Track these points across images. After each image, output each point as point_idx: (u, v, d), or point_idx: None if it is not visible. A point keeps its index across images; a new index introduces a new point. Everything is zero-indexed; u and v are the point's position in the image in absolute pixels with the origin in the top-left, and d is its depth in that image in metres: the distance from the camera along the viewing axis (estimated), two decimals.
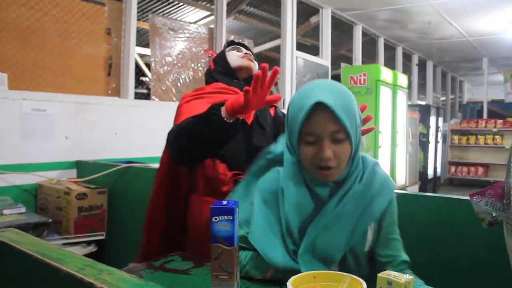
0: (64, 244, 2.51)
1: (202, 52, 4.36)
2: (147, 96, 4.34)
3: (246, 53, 1.82)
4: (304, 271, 1.06)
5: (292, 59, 5.26)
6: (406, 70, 8.70)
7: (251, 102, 1.33)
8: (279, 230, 1.22)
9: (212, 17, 4.70)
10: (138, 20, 3.81)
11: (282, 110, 1.82)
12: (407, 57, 8.81)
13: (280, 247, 1.21)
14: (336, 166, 1.12)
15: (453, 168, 9.72)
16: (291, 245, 1.19)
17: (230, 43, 1.88)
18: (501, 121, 9.11)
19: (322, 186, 1.16)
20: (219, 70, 1.82)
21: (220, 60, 1.83)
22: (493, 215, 1.09)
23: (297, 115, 1.11)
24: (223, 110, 1.37)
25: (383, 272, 0.91)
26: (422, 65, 9.52)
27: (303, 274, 1.07)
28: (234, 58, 1.80)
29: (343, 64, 6.42)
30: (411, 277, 0.90)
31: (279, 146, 1.29)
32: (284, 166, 1.23)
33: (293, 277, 1.06)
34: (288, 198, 1.19)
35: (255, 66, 1.81)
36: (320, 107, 1.08)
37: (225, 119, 1.37)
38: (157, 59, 3.90)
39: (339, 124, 1.08)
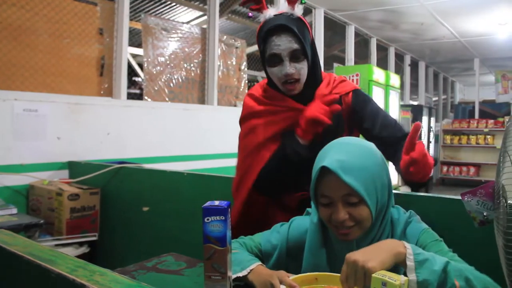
0: (56, 245, 2.50)
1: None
2: (139, 96, 4.33)
3: (288, 74, 1.43)
4: None
5: None
6: (399, 70, 8.74)
7: (312, 117, 1.41)
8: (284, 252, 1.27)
9: (205, 17, 4.70)
10: (131, 20, 3.80)
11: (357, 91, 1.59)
12: (399, 57, 8.85)
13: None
14: (354, 226, 1.11)
15: (445, 168, 9.77)
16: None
17: (267, 33, 1.45)
18: (492, 121, 9.18)
19: (342, 244, 1.15)
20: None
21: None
22: (484, 214, 1.10)
23: (312, 178, 1.15)
24: (296, 138, 1.45)
25: (378, 272, 0.91)
26: (414, 66, 9.57)
27: (305, 275, 1.08)
28: (275, 77, 1.48)
29: (335, 65, 6.44)
30: (406, 278, 0.90)
31: None
32: (311, 217, 1.25)
33: (294, 276, 1.06)
34: (306, 257, 1.22)
35: (301, 82, 1.48)
36: (330, 171, 1.09)
37: (301, 143, 1.45)
38: (149, 59, 3.89)
39: (350, 188, 1.08)
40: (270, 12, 1.47)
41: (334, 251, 1.18)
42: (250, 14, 1.56)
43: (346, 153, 1.12)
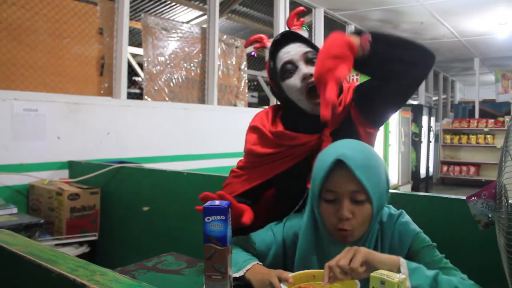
0: (57, 245, 2.50)
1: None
2: (139, 96, 4.33)
3: (306, 74, 1.30)
4: None
5: None
6: None
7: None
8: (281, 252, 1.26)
9: (205, 16, 4.70)
10: (131, 19, 3.80)
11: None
12: None
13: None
14: (353, 229, 1.10)
15: (445, 168, 9.77)
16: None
17: (274, 47, 1.39)
18: (492, 120, 9.17)
19: (336, 246, 1.12)
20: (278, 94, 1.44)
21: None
22: (489, 216, 1.10)
23: (319, 171, 1.12)
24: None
25: (376, 271, 0.92)
26: None
27: (302, 272, 1.08)
28: (294, 89, 1.33)
29: None
30: (404, 276, 0.91)
31: None
32: (304, 219, 1.22)
33: (291, 274, 1.06)
34: (297, 261, 1.21)
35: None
36: (341, 165, 1.08)
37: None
38: (149, 59, 3.89)
39: (359, 184, 1.08)
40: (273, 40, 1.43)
41: (326, 255, 1.15)
42: (253, 53, 1.55)
43: (355, 150, 1.12)
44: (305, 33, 1.38)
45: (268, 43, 1.42)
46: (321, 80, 1.11)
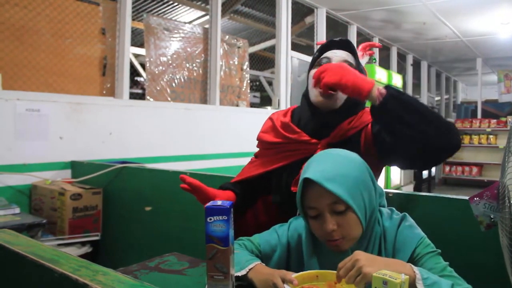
0: (59, 245, 2.50)
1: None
2: (142, 96, 4.33)
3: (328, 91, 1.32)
4: None
5: (287, 59, 5.26)
6: (401, 70, 8.73)
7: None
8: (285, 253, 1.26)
9: (207, 17, 4.70)
10: (133, 20, 3.80)
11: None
12: (401, 57, 8.84)
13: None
14: (342, 237, 1.10)
15: (447, 168, 9.75)
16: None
17: (324, 48, 1.47)
18: (495, 121, 9.16)
19: (337, 255, 1.12)
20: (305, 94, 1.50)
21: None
22: (491, 217, 1.10)
23: (297, 191, 1.15)
24: None
25: (378, 272, 0.91)
26: (416, 65, 9.55)
27: (305, 273, 1.08)
28: (313, 92, 1.40)
29: None
30: (406, 276, 0.90)
31: None
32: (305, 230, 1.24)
33: (295, 274, 1.06)
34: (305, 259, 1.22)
35: (338, 100, 1.39)
36: (312, 181, 1.09)
37: None
38: (152, 59, 3.89)
39: (334, 196, 1.07)
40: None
41: (327, 263, 1.16)
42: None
43: (327, 163, 1.12)
44: (365, 60, 1.56)
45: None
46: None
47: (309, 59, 6.10)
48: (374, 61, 1.39)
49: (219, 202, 1.03)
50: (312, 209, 1.12)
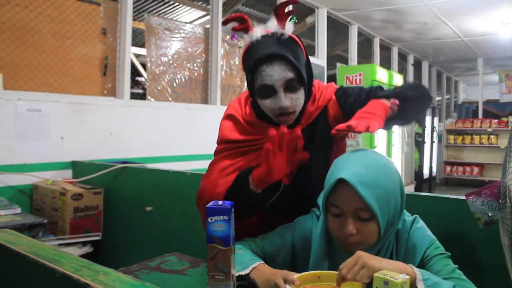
0: (60, 245, 2.50)
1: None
2: (142, 96, 4.33)
3: (283, 107, 1.26)
4: None
5: None
6: (402, 70, 8.72)
7: (274, 169, 1.19)
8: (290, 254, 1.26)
9: (208, 17, 4.70)
10: (134, 20, 3.80)
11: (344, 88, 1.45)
12: (402, 57, 8.83)
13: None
14: (358, 243, 1.09)
15: (448, 168, 9.74)
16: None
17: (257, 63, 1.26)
18: (496, 121, 9.15)
19: (348, 254, 1.09)
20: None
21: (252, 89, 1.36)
22: (489, 214, 1.10)
23: (326, 185, 1.13)
24: (250, 182, 1.24)
25: (379, 272, 0.91)
26: (417, 65, 9.55)
27: (308, 273, 1.08)
28: (268, 109, 1.30)
29: (338, 64, 6.43)
30: (407, 277, 0.90)
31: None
32: (319, 224, 1.23)
33: (297, 275, 1.06)
34: (311, 261, 1.21)
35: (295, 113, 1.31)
36: (345, 182, 1.06)
37: (253, 190, 1.24)
38: (152, 59, 3.89)
39: (363, 202, 1.05)
40: (256, 32, 1.27)
41: (338, 262, 1.13)
42: (233, 37, 1.45)
43: (364, 167, 1.09)
44: (290, 26, 1.29)
45: (252, 31, 1.28)
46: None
47: (310, 59, 6.05)
48: (293, 21, 1.21)
49: (220, 202, 1.03)
50: (336, 207, 1.10)
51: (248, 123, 1.39)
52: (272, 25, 1.28)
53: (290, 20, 1.30)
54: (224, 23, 1.30)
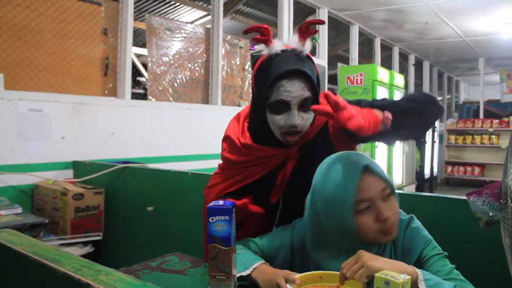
0: (61, 244, 2.51)
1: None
2: (143, 96, 4.34)
3: (294, 126, 1.25)
4: None
5: None
6: (403, 70, 8.72)
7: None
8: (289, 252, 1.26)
9: (209, 17, 4.70)
10: (135, 20, 3.81)
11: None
12: (403, 57, 8.83)
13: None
14: (394, 223, 1.12)
15: (449, 168, 9.74)
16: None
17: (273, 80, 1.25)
18: (497, 121, 9.14)
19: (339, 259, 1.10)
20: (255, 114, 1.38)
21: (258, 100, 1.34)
22: (490, 214, 1.10)
23: (347, 187, 1.09)
24: None
25: (380, 272, 0.91)
26: (418, 65, 9.54)
27: (309, 273, 1.08)
28: (276, 125, 1.29)
29: (339, 64, 6.43)
30: (408, 277, 0.90)
31: None
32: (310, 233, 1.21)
33: (299, 275, 1.06)
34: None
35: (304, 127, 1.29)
36: (365, 172, 1.10)
37: None
38: (153, 59, 3.89)
39: (383, 181, 1.11)
40: (276, 46, 1.28)
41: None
42: (252, 46, 1.43)
43: (359, 155, 1.18)
44: (309, 44, 1.29)
45: (271, 44, 1.28)
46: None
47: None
48: (316, 40, 1.21)
49: (221, 202, 1.03)
50: (364, 201, 1.09)
51: (243, 145, 1.37)
52: (293, 41, 1.28)
53: (312, 39, 1.32)
54: (246, 32, 1.29)
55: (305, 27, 1.28)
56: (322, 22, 1.32)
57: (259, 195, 1.37)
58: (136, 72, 5.04)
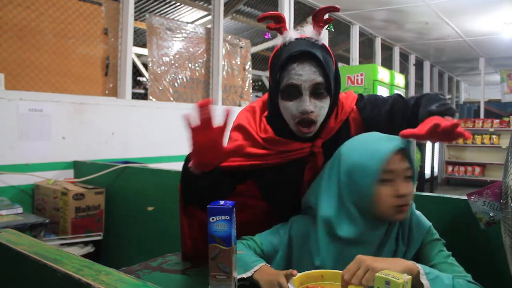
0: (62, 244, 2.51)
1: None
2: (144, 96, 4.33)
3: (306, 111, 1.20)
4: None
5: None
6: (403, 70, 8.71)
7: (200, 155, 1.24)
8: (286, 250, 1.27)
9: (209, 17, 4.70)
10: (135, 20, 3.81)
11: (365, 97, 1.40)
12: (404, 57, 8.82)
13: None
14: (407, 204, 1.13)
15: (450, 168, 9.73)
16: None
17: (287, 59, 1.21)
18: (497, 120, 9.14)
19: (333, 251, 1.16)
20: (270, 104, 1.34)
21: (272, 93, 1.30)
22: (491, 215, 1.10)
23: (372, 158, 1.12)
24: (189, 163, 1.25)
25: (381, 272, 0.91)
26: (419, 65, 9.53)
27: (310, 272, 1.08)
28: (288, 113, 1.24)
29: (340, 64, 6.43)
30: (409, 277, 0.90)
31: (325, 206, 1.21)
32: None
33: (299, 274, 1.06)
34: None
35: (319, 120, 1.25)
36: (400, 151, 1.13)
37: (191, 169, 1.28)
38: (154, 59, 3.89)
39: (408, 162, 1.13)
40: (291, 34, 1.24)
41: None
42: (267, 34, 1.40)
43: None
44: (325, 34, 1.28)
45: (286, 32, 1.25)
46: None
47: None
48: (330, 29, 1.19)
49: (221, 202, 1.03)
50: (388, 172, 1.11)
51: (265, 140, 1.31)
52: (308, 30, 1.25)
53: (327, 28, 1.28)
54: (260, 20, 1.26)
55: (321, 15, 1.24)
56: (337, 9, 1.26)
57: (274, 191, 1.38)
58: (136, 72, 5.04)
